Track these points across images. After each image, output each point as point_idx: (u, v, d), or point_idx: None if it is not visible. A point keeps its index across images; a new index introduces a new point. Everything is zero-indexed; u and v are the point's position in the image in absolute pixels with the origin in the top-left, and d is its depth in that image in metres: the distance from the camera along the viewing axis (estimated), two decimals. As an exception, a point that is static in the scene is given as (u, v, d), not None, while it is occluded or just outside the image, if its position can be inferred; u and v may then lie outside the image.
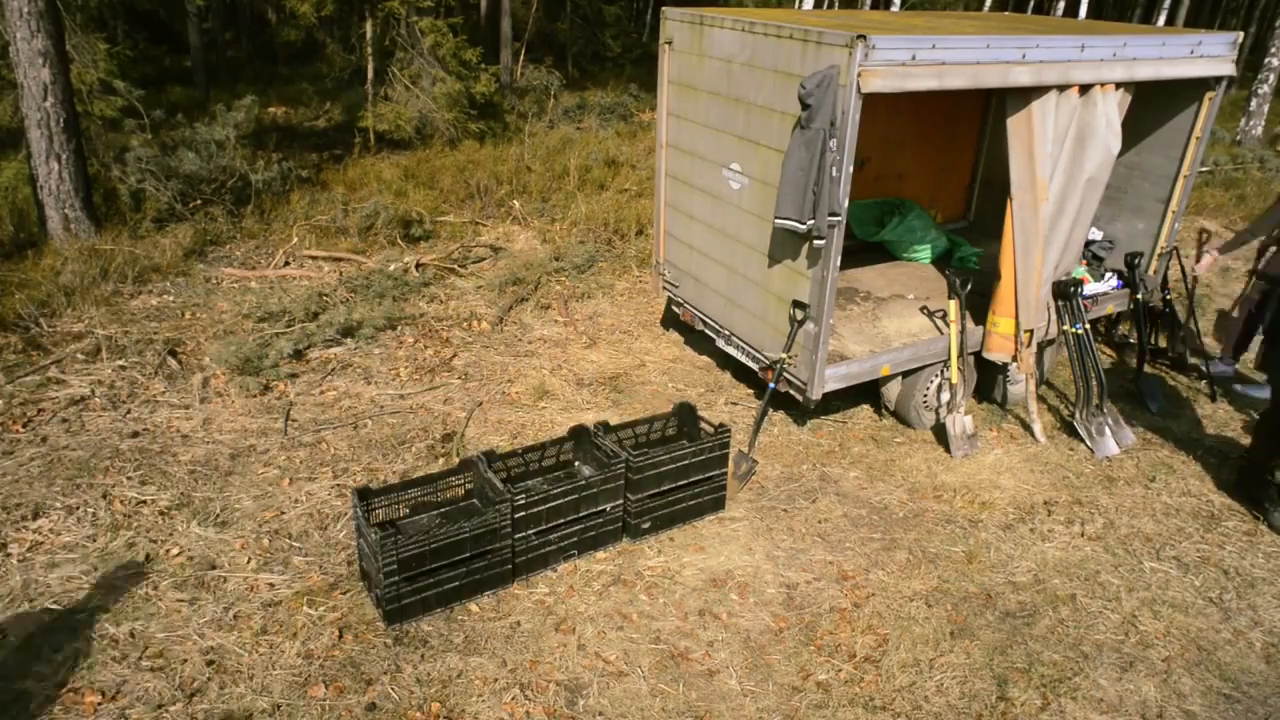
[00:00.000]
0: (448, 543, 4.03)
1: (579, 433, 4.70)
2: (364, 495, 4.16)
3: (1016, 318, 5.76)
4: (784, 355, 5.34)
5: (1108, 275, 6.64)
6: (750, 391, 6.31)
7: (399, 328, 7.09)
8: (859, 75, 4.45)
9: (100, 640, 3.90)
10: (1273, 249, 6.50)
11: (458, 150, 12.24)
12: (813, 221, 4.73)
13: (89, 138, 8.92)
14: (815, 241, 4.85)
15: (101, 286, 7.26)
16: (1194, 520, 5.21)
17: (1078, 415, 5.95)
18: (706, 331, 6.28)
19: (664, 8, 6.08)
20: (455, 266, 8.43)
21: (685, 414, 4.98)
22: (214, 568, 4.40)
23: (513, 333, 7.25)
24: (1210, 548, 4.97)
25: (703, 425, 4.96)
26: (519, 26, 18.02)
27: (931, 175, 7.74)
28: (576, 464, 4.76)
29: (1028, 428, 6.03)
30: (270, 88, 16.26)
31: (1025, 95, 5.14)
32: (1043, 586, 4.61)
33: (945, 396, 5.97)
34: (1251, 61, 17.15)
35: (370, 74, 12.75)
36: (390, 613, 4.06)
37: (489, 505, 4.08)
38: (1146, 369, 6.71)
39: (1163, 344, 7.02)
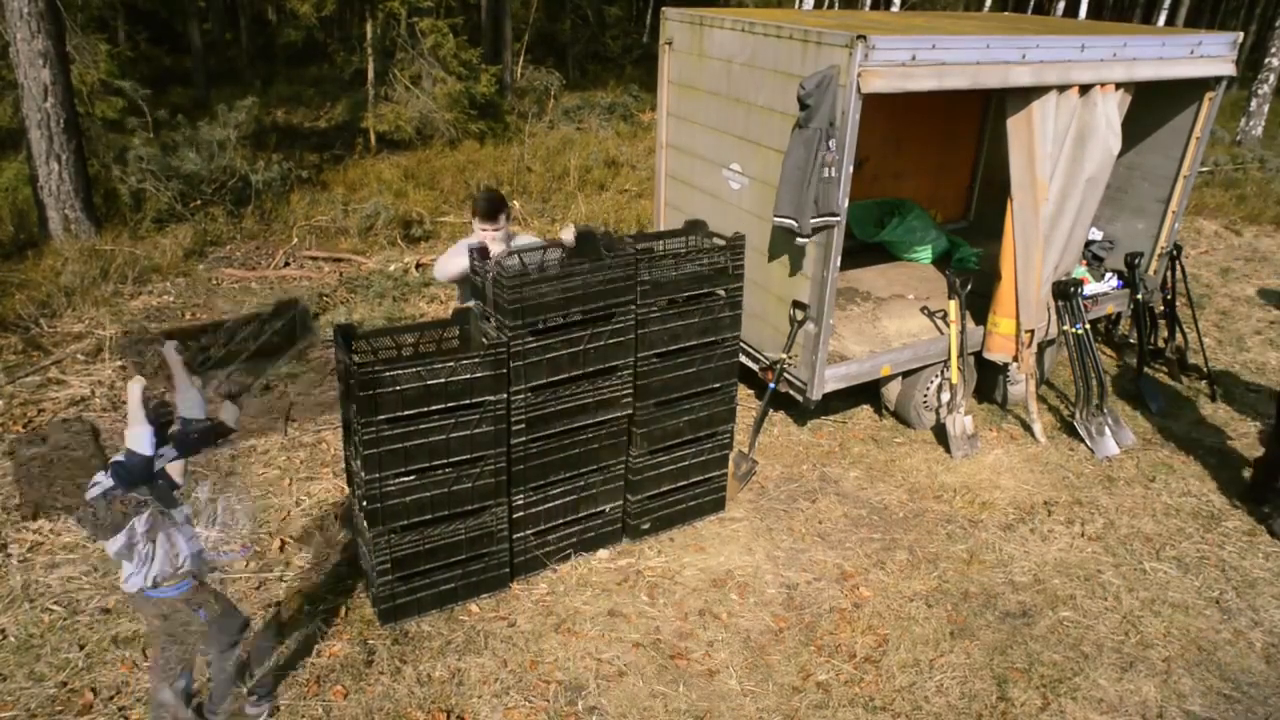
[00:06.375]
0: (443, 544, 4.03)
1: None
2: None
3: (1017, 318, 5.76)
4: (784, 355, 5.34)
5: (1108, 275, 6.64)
6: (750, 392, 6.31)
7: (399, 328, 7.09)
8: (859, 75, 4.45)
9: (100, 640, 3.90)
10: None
11: (458, 150, 12.25)
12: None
13: (89, 138, 8.92)
14: (798, 240, 4.85)
15: (102, 287, 7.26)
16: (1194, 520, 5.21)
17: (1078, 415, 5.95)
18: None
19: (664, 8, 6.07)
20: (455, 267, 8.43)
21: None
22: (214, 568, 4.40)
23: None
24: (1210, 548, 4.97)
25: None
26: (519, 27, 18.02)
27: (931, 175, 7.74)
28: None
29: (1028, 428, 6.03)
30: (271, 88, 16.27)
31: (1025, 95, 5.14)
32: (1043, 586, 4.61)
33: (945, 397, 5.97)
34: (1251, 61, 17.13)
35: (371, 74, 12.75)
36: (384, 612, 4.06)
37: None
38: (1146, 371, 6.71)
39: (1161, 344, 7.01)
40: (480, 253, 4.09)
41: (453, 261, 4.48)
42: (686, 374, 4.48)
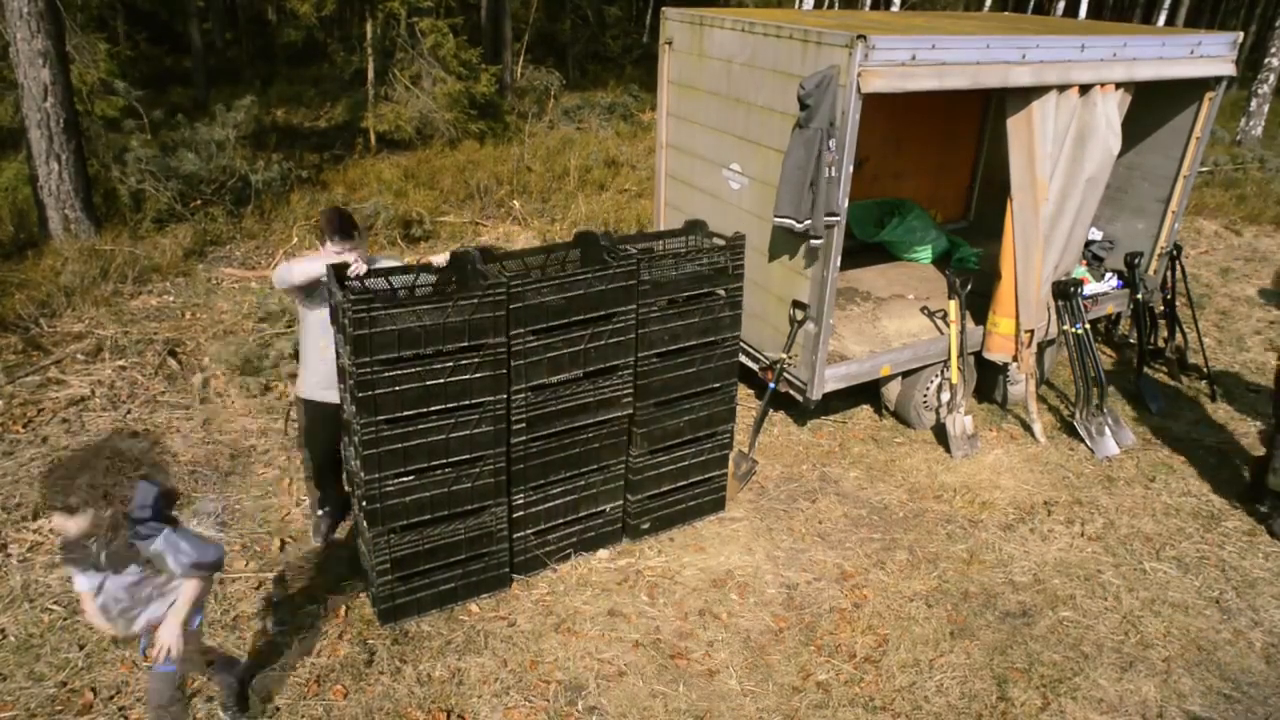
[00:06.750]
0: (443, 544, 4.03)
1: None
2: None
3: (1016, 318, 5.76)
4: (784, 355, 5.34)
5: (1108, 275, 6.64)
6: (750, 392, 6.31)
7: (399, 328, 7.08)
8: (859, 75, 4.45)
9: (100, 640, 3.90)
10: None
11: (458, 150, 12.24)
12: (809, 221, 4.74)
13: (89, 138, 8.92)
14: (812, 241, 4.86)
15: (101, 287, 7.26)
16: (1194, 520, 5.21)
17: (1078, 415, 5.95)
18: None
19: (664, 8, 6.07)
20: (455, 267, 8.42)
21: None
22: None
23: (513, 333, 7.24)
24: (1210, 548, 4.97)
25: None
26: (519, 27, 18.02)
27: (931, 175, 7.74)
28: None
29: (1028, 428, 6.03)
30: (271, 88, 16.26)
31: (1025, 95, 5.14)
32: (1043, 586, 4.61)
33: (945, 396, 5.97)
34: (1251, 61, 17.13)
35: (371, 74, 12.74)
36: (384, 612, 4.06)
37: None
38: (1146, 371, 6.71)
39: (1161, 344, 7.01)
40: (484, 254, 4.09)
41: (302, 266, 4.01)
42: (686, 374, 4.48)
